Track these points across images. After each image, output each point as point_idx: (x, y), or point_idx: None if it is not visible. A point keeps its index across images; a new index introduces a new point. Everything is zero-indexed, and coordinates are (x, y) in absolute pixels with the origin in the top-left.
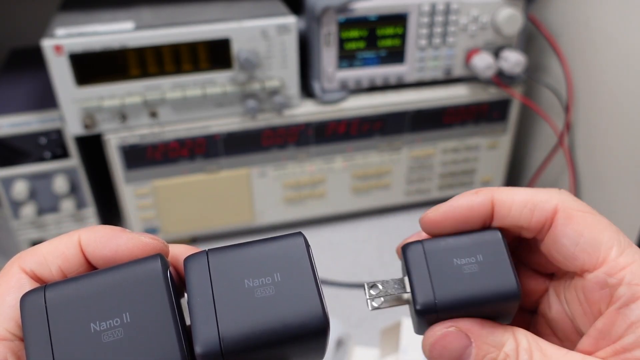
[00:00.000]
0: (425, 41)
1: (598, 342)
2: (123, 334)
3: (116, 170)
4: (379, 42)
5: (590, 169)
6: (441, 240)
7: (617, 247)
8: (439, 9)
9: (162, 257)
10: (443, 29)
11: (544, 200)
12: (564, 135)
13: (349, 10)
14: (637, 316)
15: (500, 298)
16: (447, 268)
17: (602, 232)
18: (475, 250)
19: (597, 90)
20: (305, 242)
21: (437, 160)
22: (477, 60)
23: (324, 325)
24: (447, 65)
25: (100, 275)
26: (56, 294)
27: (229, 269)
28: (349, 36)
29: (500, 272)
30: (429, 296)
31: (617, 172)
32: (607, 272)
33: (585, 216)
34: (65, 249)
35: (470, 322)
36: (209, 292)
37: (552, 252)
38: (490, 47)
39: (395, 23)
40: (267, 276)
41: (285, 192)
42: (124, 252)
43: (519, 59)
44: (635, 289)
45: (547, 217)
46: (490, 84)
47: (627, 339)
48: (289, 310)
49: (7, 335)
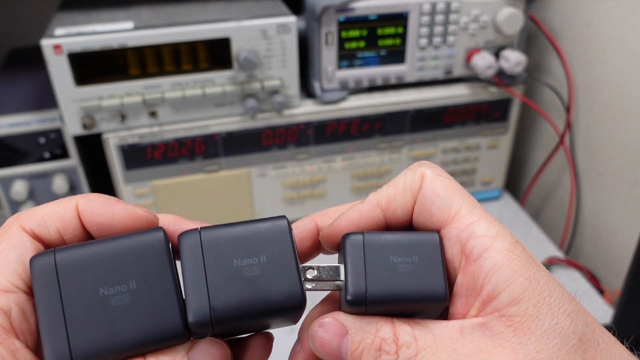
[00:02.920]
0: (425, 40)
1: (467, 300)
2: (129, 299)
3: (115, 170)
4: (379, 41)
5: (591, 168)
6: (382, 235)
7: (466, 205)
8: (439, 8)
9: (164, 230)
10: (443, 29)
11: (412, 175)
12: (564, 134)
13: (349, 10)
14: (491, 264)
15: (427, 300)
16: (382, 264)
17: (454, 193)
18: (413, 250)
19: (598, 90)
20: (288, 225)
21: (438, 160)
22: (477, 60)
23: (301, 303)
24: (447, 64)
25: (107, 243)
26: (66, 257)
27: (220, 248)
28: (349, 36)
29: (432, 276)
30: (361, 288)
31: (617, 172)
32: (458, 227)
33: (442, 179)
34: (63, 212)
35: (348, 315)
36: (201, 268)
37: (417, 217)
38: (490, 47)
39: (395, 22)
40: (254, 257)
41: (285, 192)
42: (118, 221)
43: (519, 59)
44: (484, 240)
45: (418, 185)
46: (490, 84)
47: (488, 287)
48: (273, 288)
49: (12, 288)
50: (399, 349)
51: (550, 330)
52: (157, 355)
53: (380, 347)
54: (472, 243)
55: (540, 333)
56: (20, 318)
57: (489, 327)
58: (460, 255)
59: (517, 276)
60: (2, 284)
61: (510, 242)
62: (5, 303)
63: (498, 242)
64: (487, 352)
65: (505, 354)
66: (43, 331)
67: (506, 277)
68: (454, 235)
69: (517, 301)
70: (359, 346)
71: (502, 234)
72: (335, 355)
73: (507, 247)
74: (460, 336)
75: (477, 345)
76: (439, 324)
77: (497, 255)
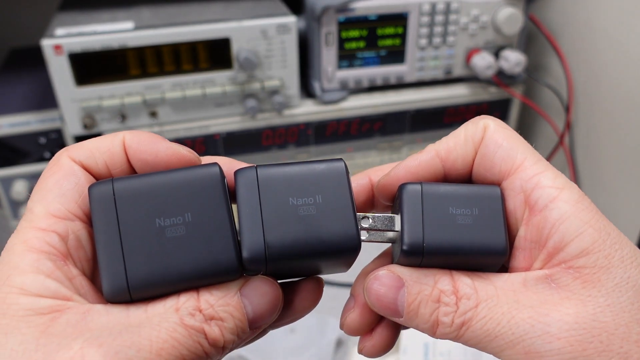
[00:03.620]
0: (425, 41)
1: (531, 253)
2: (185, 231)
3: None
4: (379, 41)
5: (591, 168)
6: (441, 186)
7: (531, 157)
8: (439, 9)
9: (220, 166)
10: (443, 29)
11: (474, 126)
12: (564, 134)
13: (349, 10)
14: (558, 214)
15: (486, 253)
16: (441, 214)
17: (518, 145)
18: (473, 203)
19: (598, 90)
20: (345, 168)
21: None
22: (477, 60)
23: (356, 245)
24: (447, 64)
25: (164, 175)
26: (124, 186)
27: (276, 186)
28: (349, 36)
29: (492, 229)
30: (418, 237)
31: (617, 172)
32: (522, 177)
33: (505, 131)
34: (111, 146)
35: (404, 267)
36: (257, 205)
37: (478, 168)
38: (490, 47)
39: (395, 23)
40: (310, 197)
41: None
42: (162, 158)
43: (519, 59)
44: (550, 191)
45: (481, 138)
46: (490, 84)
47: (555, 238)
48: (328, 228)
49: (70, 215)
50: (458, 300)
51: (622, 284)
52: (210, 290)
53: (439, 299)
54: (538, 193)
55: (611, 285)
56: (77, 245)
57: (554, 279)
58: (524, 207)
59: (587, 227)
60: (59, 211)
61: (579, 193)
62: (63, 230)
63: (565, 192)
64: (552, 304)
65: (572, 306)
66: (101, 259)
67: (575, 228)
68: (518, 185)
69: (586, 252)
70: (417, 298)
71: (569, 185)
72: (392, 309)
73: (575, 199)
74: (524, 288)
75: (541, 297)
76: (501, 276)
77: (565, 206)
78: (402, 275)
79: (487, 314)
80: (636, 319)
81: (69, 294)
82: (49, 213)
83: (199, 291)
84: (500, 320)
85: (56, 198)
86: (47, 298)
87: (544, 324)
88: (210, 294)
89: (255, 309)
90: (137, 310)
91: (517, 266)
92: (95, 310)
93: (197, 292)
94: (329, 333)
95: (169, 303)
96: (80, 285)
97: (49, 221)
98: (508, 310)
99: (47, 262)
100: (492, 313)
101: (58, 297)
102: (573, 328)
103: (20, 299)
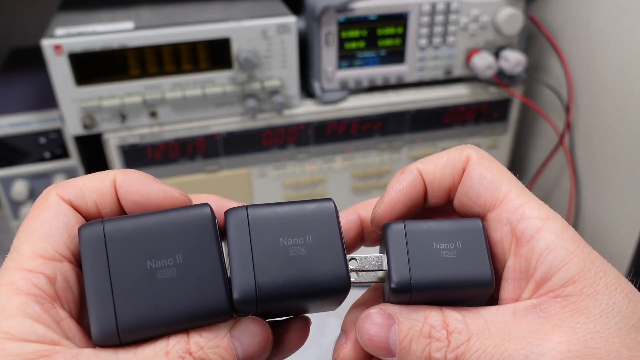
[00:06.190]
0: (425, 41)
1: (519, 283)
2: (176, 273)
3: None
4: (379, 41)
5: (591, 168)
6: (423, 223)
7: (515, 188)
8: (439, 9)
9: (210, 207)
10: (443, 29)
11: (458, 154)
12: (564, 135)
13: (349, 10)
14: (544, 244)
15: (473, 285)
16: (426, 250)
17: (502, 176)
18: (456, 236)
19: (598, 90)
20: (334, 208)
21: None
22: (477, 60)
23: (346, 286)
24: (447, 65)
25: (155, 216)
26: (115, 228)
27: (266, 226)
28: (349, 36)
29: (477, 261)
30: (405, 274)
31: (617, 172)
32: (508, 209)
33: (489, 163)
34: (101, 185)
35: (394, 305)
36: (248, 245)
37: (462, 198)
38: (490, 47)
39: (395, 23)
40: (300, 237)
41: (285, 192)
42: (153, 201)
43: (519, 59)
44: (535, 222)
45: (462, 167)
46: (490, 84)
47: (542, 268)
48: (318, 269)
49: (57, 256)
50: (449, 335)
51: (608, 310)
52: (200, 332)
53: (430, 334)
54: (524, 225)
55: (598, 312)
56: (65, 287)
57: (543, 308)
58: (511, 238)
59: (572, 256)
60: (47, 252)
61: (562, 223)
62: (51, 271)
63: (550, 223)
64: (544, 333)
65: (563, 334)
66: (90, 302)
67: (561, 258)
68: (504, 217)
69: (572, 281)
70: (408, 334)
71: (552, 216)
72: (384, 347)
73: (560, 228)
74: (514, 319)
75: (532, 327)
76: (490, 309)
77: (550, 236)
78: (393, 312)
79: (479, 347)
80: (625, 344)
81: (56, 338)
82: (36, 253)
83: (188, 333)
84: (494, 353)
85: (44, 238)
86: (35, 343)
87: (537, 354)
88: (200, 336)
89: (245, 350)
90: (127, 354)
91: (507, 297)
92: (84, 354)
93: (187, 334)
94: (329, 333)
95: (158, 346)
96: (68, 328)
97: (36, 262)
98: (500, 342)
99: (34, 305)
100: (485, 346)
101: (46, 341)
102: (566, 356)
103: (6, 344)
